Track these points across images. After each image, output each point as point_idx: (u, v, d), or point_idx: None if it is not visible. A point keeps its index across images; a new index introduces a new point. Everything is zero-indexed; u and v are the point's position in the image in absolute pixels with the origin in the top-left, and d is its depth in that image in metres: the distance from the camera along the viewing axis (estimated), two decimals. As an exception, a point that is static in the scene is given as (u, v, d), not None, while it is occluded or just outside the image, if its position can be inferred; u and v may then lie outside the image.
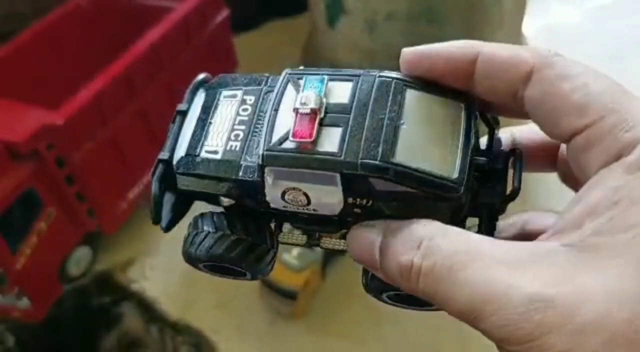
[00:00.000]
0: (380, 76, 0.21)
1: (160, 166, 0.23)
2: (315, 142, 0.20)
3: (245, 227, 0.23)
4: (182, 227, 0.26)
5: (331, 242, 0.24)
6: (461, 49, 0.20)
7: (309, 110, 0.20)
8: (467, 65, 0.20)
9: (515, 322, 0.16)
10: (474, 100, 0.21)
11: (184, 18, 0.97)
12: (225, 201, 0.23)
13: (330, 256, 0.85)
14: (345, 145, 0.20)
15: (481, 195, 0.21)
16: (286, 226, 0.24)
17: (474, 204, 0.21)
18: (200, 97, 0.24)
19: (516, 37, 1.30)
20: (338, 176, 0.20)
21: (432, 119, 0.20)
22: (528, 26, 1.30)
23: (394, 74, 0.21)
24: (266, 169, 0.21)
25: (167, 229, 0.25)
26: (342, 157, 0.20)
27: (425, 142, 0.20)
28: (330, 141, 0.20)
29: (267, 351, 0.83)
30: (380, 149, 0.19)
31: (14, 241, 0.80)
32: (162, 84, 0.96)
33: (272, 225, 0.24)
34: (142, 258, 0.95)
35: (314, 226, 0.23)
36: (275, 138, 0.21)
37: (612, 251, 0.16)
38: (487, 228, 0.22)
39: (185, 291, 0.92)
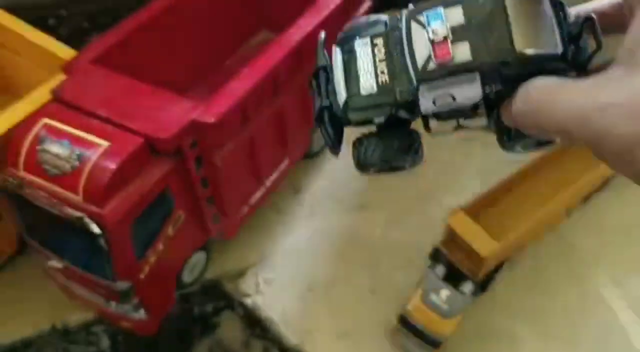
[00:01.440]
0: None
1: (326, 112, 0.29)
2: (452, 58, 0.27)
3: (398, 133, 0.30)
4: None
5: (473, 122, 0.29)
6: None
7: (442, 39, 0.27)
8: None
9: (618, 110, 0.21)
10: None
11: (330, 13, 0.87)
12: (378, 120, 0.29)
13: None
14: (475, 53, 0.26)
15: (571, 56, 0.26)
16: (432, 122, 0.30)
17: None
18: (337, 52, 0.30)
19: None
20: (477, 73, 0.26)
21: (528, 9, 0.27)
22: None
23: None
24: (421, 86, 0.27)
25: (338, 153, 0.30)
26: (477, 62, 0.26)
27: (530, 29, 0.26)
28: (463, 53, 0.26)
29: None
30: (502, 46, 0.26)
31: (141, 246, 0.71)
32: (299, 83, 0.87)
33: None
34: (255, 270, 0.87)
35: (455, 116, 0.29)
36: (420, 64, 0.27)
37: None
38: None
39: (302, 312, 0.85)
